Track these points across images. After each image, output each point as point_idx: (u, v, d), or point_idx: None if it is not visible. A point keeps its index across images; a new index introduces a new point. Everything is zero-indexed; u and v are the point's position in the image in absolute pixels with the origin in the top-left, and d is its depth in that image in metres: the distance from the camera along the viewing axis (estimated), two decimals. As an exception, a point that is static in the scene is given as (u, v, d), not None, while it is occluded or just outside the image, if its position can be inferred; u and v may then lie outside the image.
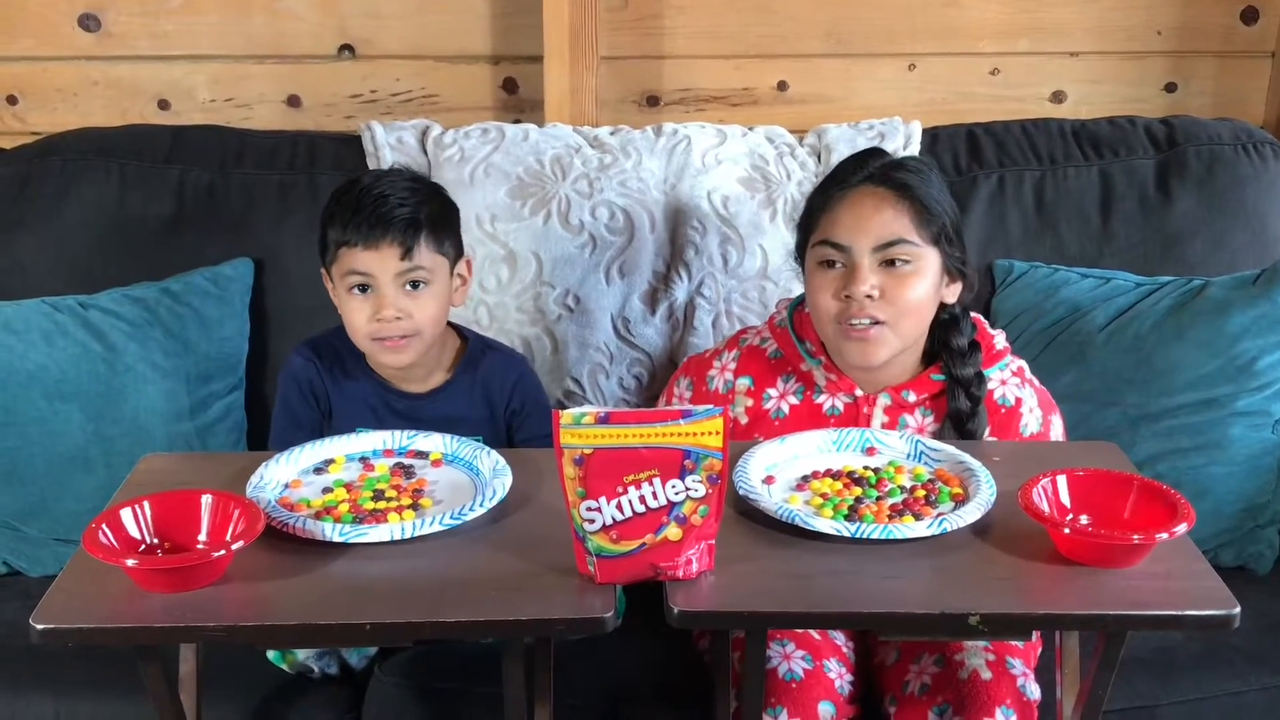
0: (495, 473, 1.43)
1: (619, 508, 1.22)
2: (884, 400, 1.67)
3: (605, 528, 1.23)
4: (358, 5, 2.24)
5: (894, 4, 2.26)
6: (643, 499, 1.22)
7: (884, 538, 1.31)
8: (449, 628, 1.25)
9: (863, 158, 1.66)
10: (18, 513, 1.90)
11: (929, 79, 2.31)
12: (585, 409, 1.22)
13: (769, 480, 1.45)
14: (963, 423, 1.64)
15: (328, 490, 1.42)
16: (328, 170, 2.10)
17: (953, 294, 1.66)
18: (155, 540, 1.29)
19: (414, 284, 1.66)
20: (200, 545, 1.28)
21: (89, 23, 2.24)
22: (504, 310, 2.03)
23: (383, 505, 1.38)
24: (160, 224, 2.07)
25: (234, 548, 1.24)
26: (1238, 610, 1.22)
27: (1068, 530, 1.29)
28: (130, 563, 1.22)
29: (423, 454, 1.51)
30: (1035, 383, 1.73)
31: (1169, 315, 1.92)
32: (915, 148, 2.12)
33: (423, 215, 1.66)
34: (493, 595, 1.24)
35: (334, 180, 2.04)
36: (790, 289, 1.99)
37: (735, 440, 1.67)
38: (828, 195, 1.64)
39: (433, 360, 1.75)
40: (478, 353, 1.79)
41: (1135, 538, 1.27)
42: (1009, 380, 1.70)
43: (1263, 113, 2.32)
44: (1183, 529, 1.27)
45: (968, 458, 1.46)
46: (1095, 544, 1.28)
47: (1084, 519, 1.33)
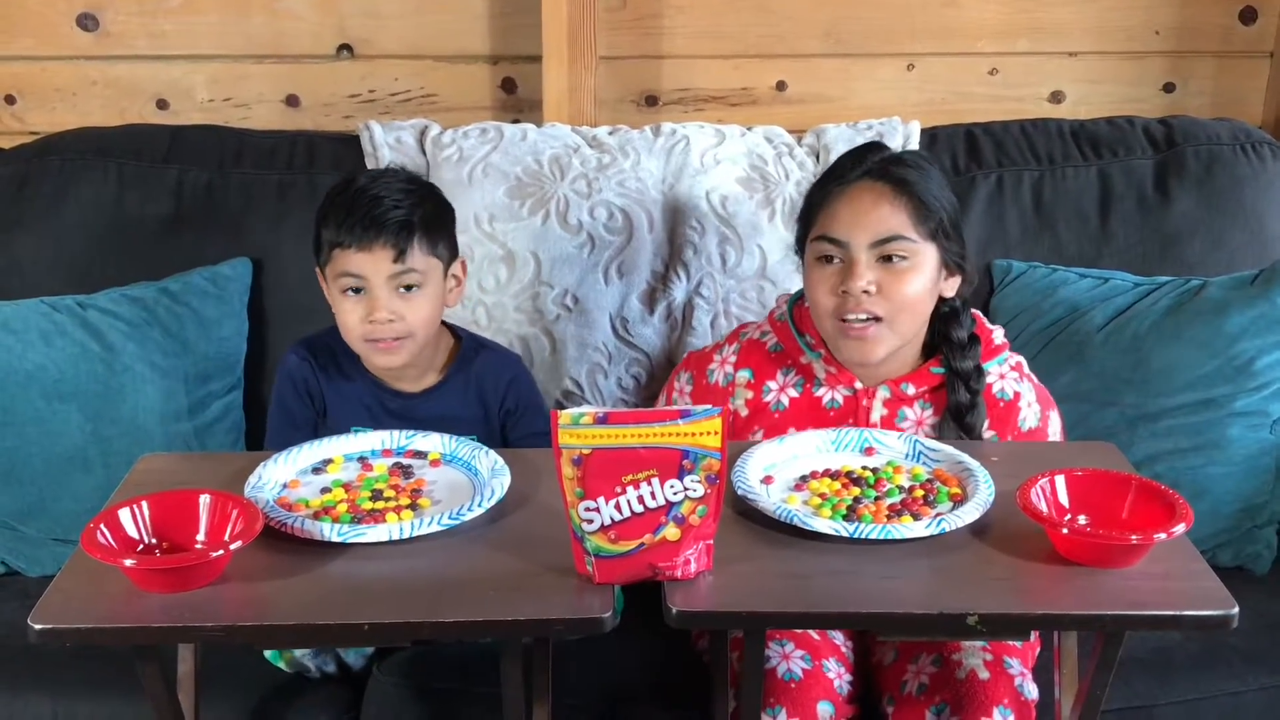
0: (493, 473, 1.43)
1: (617, 508, 1.22)
2: (883, 393, 1.67)
3: (604, 528, 1.23)
4: (356, 5, 2.24)
5: (893, 4, 2.26)
6: (641, 499, 1.22)
7: (882, 538, 1.31)
8: (447, 628, 1.25)
9: (862, 152, 1.66)
10: (16, 512, 1.90)
11: (928, 79, 2.31)
12: (584, 409, 1.22)
13: (767, 480, 1.45)
14: (962, 415, 1.64)
15: (326, 490, 1.42)
16: (326, 170, 2.10)
17: (951, 288, 1.66)
18: (153, 540, 1.29)
19: (407, 286, 1.65)
20: (198, 545, 1.28)
21: (87, 22, 2.24)
22: (502, 310, 2.02)
23: (381, 505, 1.38)
24: (159, 224, 2.07)
25: (232, 548, 1.24)
26: (1236, 610, 1.23)
27: (1066, 530, 1.29)
28: (128, 563, 1.22)
29: (421, 454, 1.51)
30: (1034, 379, 1.73)
31: (1167, 315, 1.92)
32: (914, 148, 2.11)
33: (416, 217, 1.65)
34: (491, 595, 1.24)
35: (333, 180, 2.03)
36: (789, 288, 1.99)
37: (735, 432, 1.70)
38: (826, 190, 1.64)
39: (426, 360, 1.75)
40: (472, 352, 1.79)
41: (1133, 538, 1.27)
42: (1008, 375, 1.70)
43: (1261, 113, 2.32)
44: (1181, 529, 1.27)
45: (966, 458, 1.46)
46: (1093, 544, 1.28)
47: (1082, 519, 1.33)
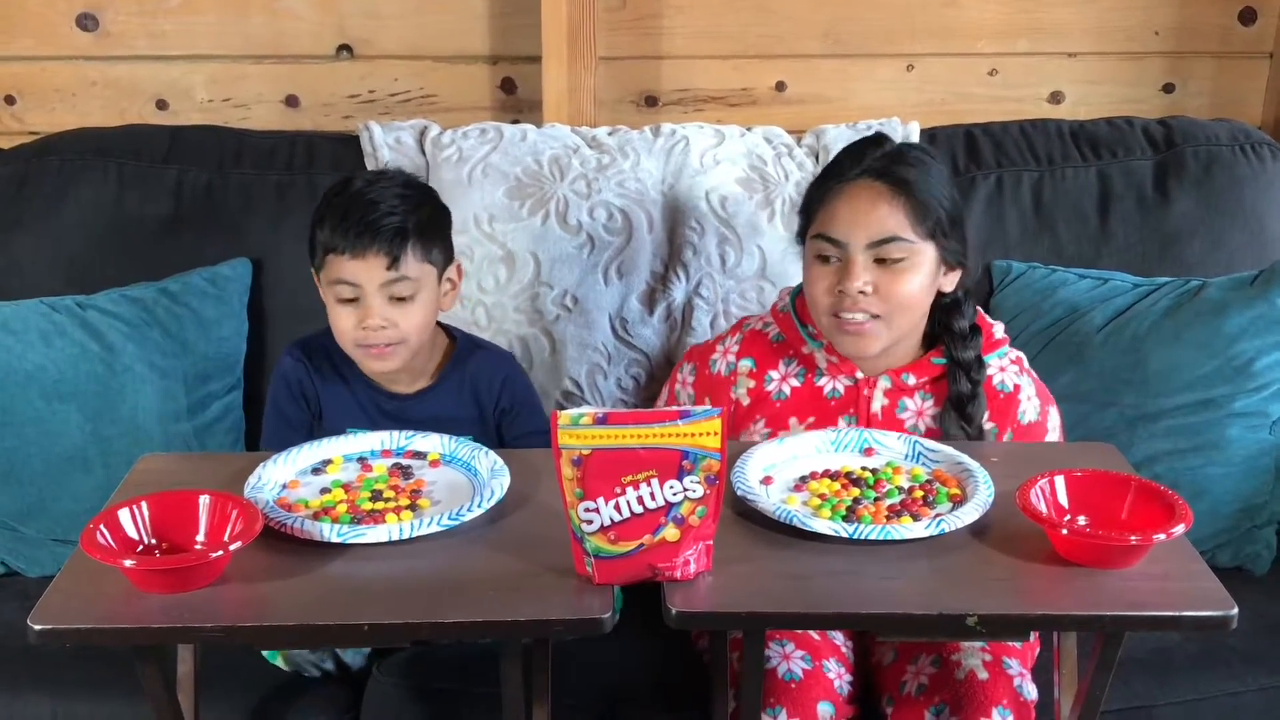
0: (493, 473, 1.43)
1: (617, 508, 1.22)
2: (884, 383, 1.68)
3: (603, 528, 1.23)
4: (356, 5, 2.24)
5: (892, 4, 2.25)
6: (640, 500, 1.22)
7: (882, 538, 1.31)
8: (447, 628, 1.25)
9: (862, 148, 1.65)
10: (15, 513, 1.90)
11: (927, 79, 2.31)
12: (583, 409, 1.22)
13: (767, 481, 1.45)
14: (963, 406, 1.64)
15: (326, 491, 1.42)
16: (326, 170, 2.10)
17: (951, 282, 1.66)
18: (153, 541, 1.29)
19: (400, 295, 1.64)
20: (198, 546, 1.28)
21: (87, 22, 2.24)
22: (502, 310, 2.02)
23: (381, 506, 1.38)
24: (158, 224, 2.07)
25: (232, 548, 1.24)
26: (1235, 611, 1.23)
27: (1065, 531, 1.29)
28: (128, 563, 1.22)
29: (420, 454, 1.51)
30: (1034, 374, 1.74)
31: (1167, 316, 1.92)
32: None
33: (411, 224, 1.64)
34: (490, 596, 1.24)
35: (332, 181, 2.04)
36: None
37: (737, 421, 1.71)
38: (826, 187, 1.64)
39: (421, 362, 1.75)
40: (466, 352, 1.78)
41: (1133, 538, 1.26)
42: (1008, 368, 1.71)
43: (1260, 113, 2.32)
44: (1180, 530, 1.27)
45: (965, 458, 1.46)
46: (1093, 545, 1.28)
47: (1082, 520, 1.33)
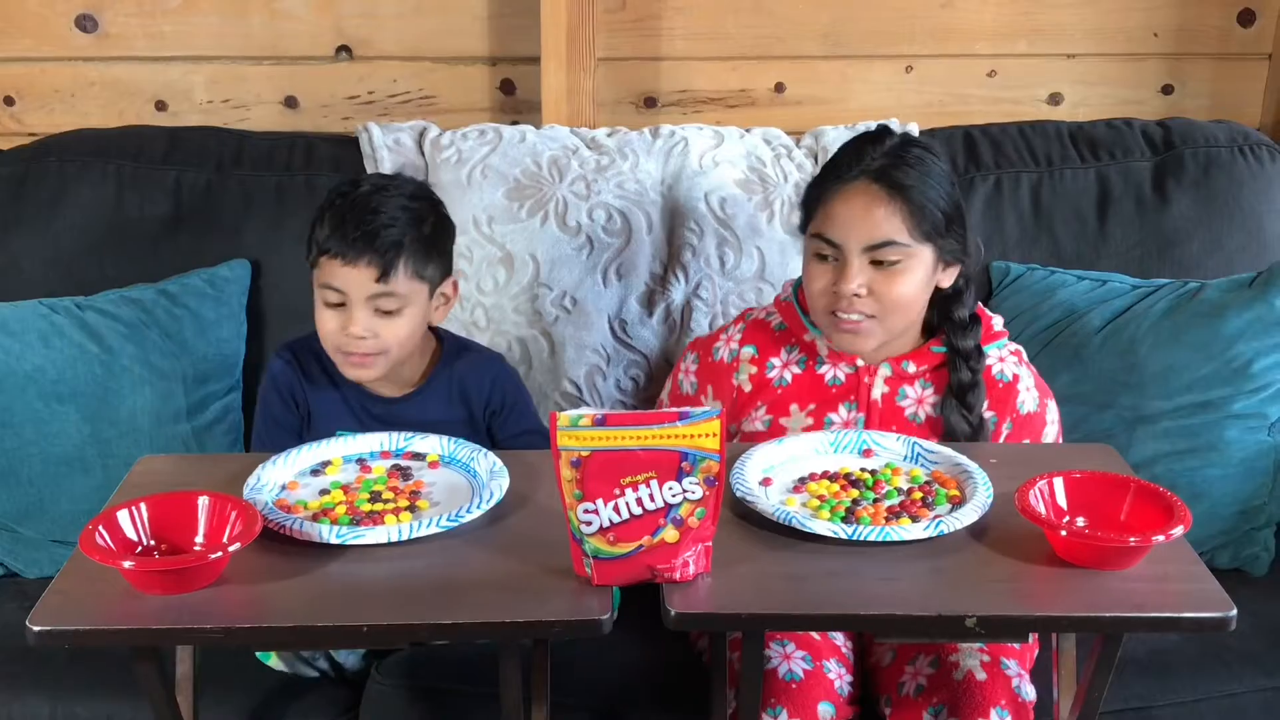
0: (492, 474, 1.43)
1: (616, 510, 1.22)
2: (885, 371, 1.69)
3: (602, 530, 1.23)
4: (355, 6, 2.24)
5: (891, 6, 2.26)
6: (640, 501, 1.22)
7: (881, 540, 1.31)
8: (446, 629, 1.25)
9: (862, 145, 1.65)
10: (14, 514, 1.90)
11: (926, 81, 2.31)
12: (582, 411, 1.22)
13: (766, 482, 1.45)
14: (964, 394, 1.65)
15: (325, 492, 1.42)
16: (325, 172, 2.10)
17: (949, 278, 1.67)
18: (152, 542, 1.29)
19: (386, 310, 1.63)
20: (197, 547, 1.28)
21: (86, 23, 2.24)
22: (501, 312, 2.02)
23: (380, 507, 1.38)
24: (157, 225, 2.07)
25: (231, 549, 1.24)
26: (1234, 612, 1.23)
27: (1064, 532, 1.29)
28: (127, 564, 1.22)
29: (420, 456, 1.51)
30: (1032, 367, 1.75)
31: (1165, 317, 1.92)
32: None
33: (408, 238, 1.63)
34: (489, 597, 1.24)
35: (332, 182, 2.03)
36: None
37: (739, 407, 1.72)
38: (825, 186, 1.64)
39: (409, 368, 1.74)
40: (454, 354, 1.77)
41: (1132, 540, 1.27)
42: (1007, 358, 1.72)
43: (1259, 115, 2.32)
44: (1179, 531, 1.27)
45: (964, 460, 1.46)
46: (1092, 546, 1.28)
47: (1080, 521, 1.33)
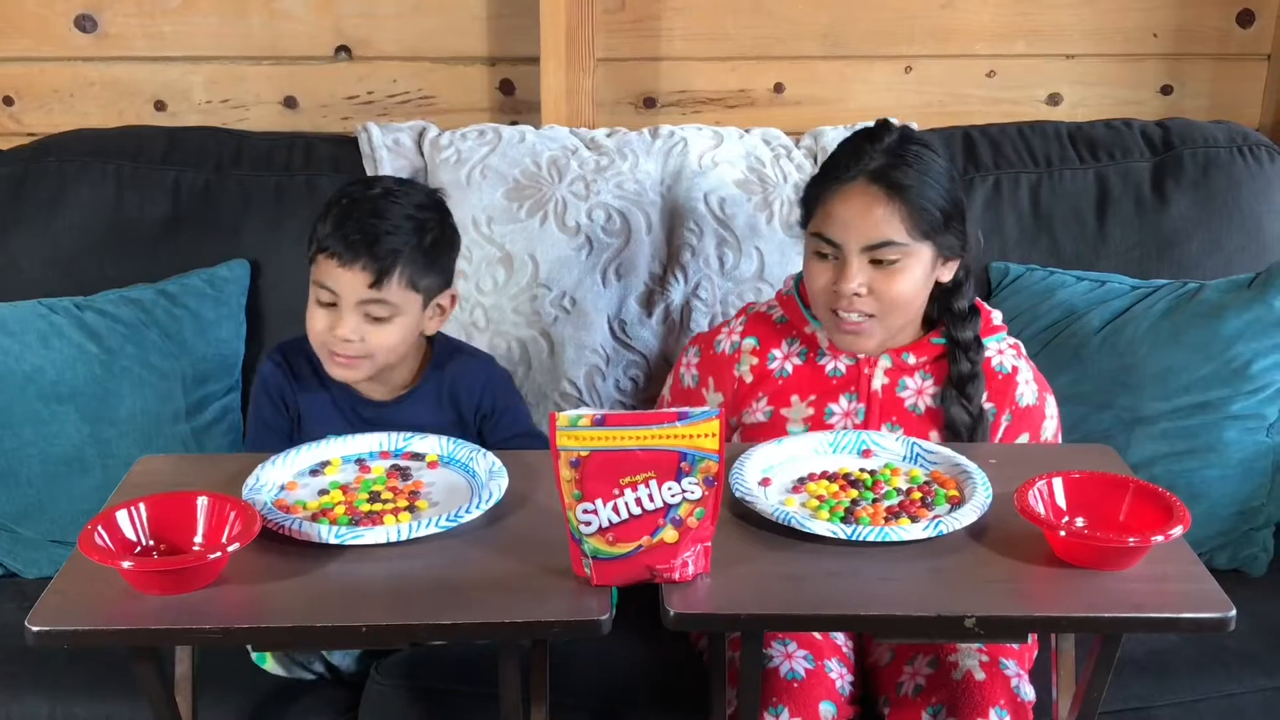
0: (491, 475, 1.43)
1: (615, 510, 1.22)
2: (885, 362, 1.70)
3: (601, 530, 1.23)
4: (354, 6, 2.24)
5: (890, 6, 2.26)
6: (639, 501, 1.22)
7: (880, 540, 1.31)
8: (445, 630, 1.25)
9: (861, 144, 1.64)
10: (13, 514, 1.90)
11: (925, 81, 2.31)
12: (581, 411, 1.22)
13: (765, 482, 1.45)
14: (963, 385, 1.66)
15: (324, 492, 1.42)
16: (324, 172, 2.10)
17: (948, 272, 1.68)
18: (151, 542, 1.29)
19: (376, 315, 1.62)
20: (196, 547, 1.28)
21: (85, 23, 2.24)
22: (500, 312, 2.02)
23: (379, 507, 1.38)
24: (156, 225, 2.07)
25: (230, 550, 1.24)
26: (1233, 613, 1.23)
27: (1064, 533, 1.29)
28: (126, 565, 1.22)
29: (419, 456, 1.51)
30: (1031, 362, 1.75)
31: (1164, 318, 1.92)
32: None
33: (408, 248, 1.62)
34: (489, 597, 1.24)
35: (331, 182, 2.05)
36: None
37: (740, 398, 1.73)
38: (825, 186, 1.64)
39: (399, 372, 1.72)
40: (444, 357, 1.76)
41: (1131, 540, 1.27)
42: (1005, 351, 1.73)
43: (1258, 115, 2.33)
44: (1178, 532, 1.27)
45: (964, 460, 1.46)
46: (1091, 546, 1.28)
47: (1080, 521, 1.33)
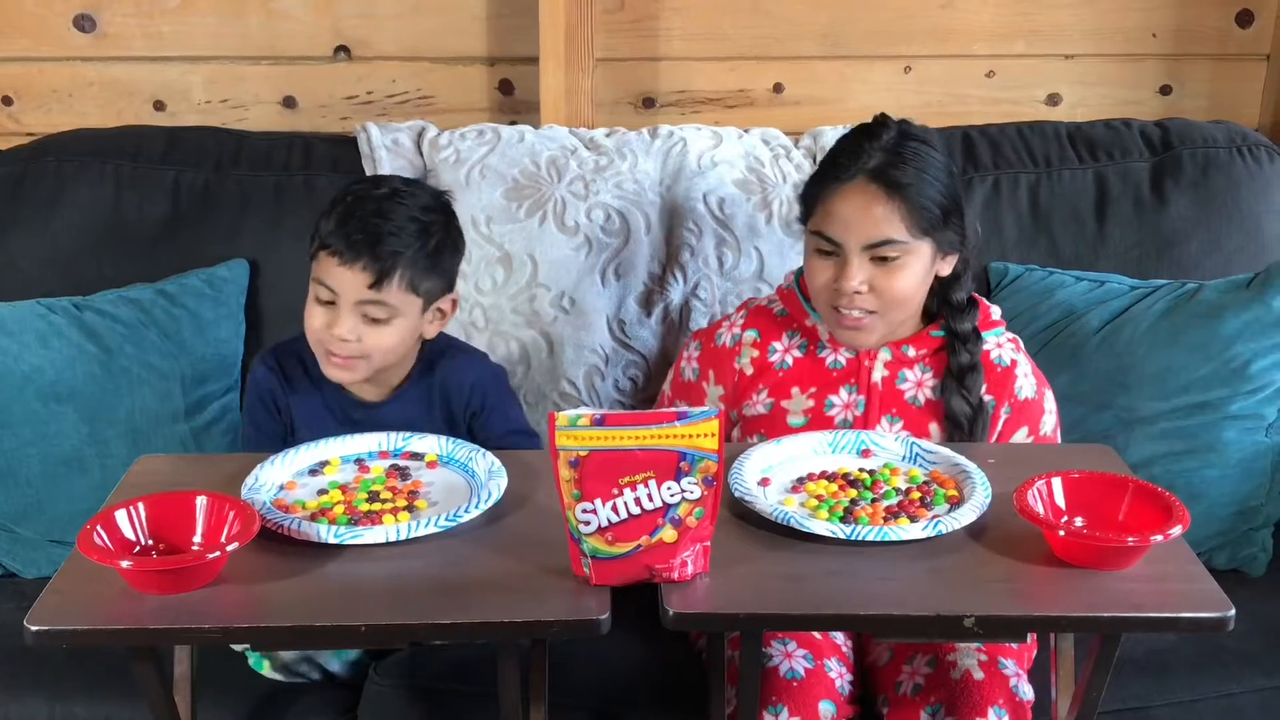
0: (490, 475, 1.43)
1: (614, 510, 1.22)
2: (885, 355, 1.70)
3: (600, 530, 1.23)
4: (353, 6, 2.24)
5: (889, 6, 2.26)
6: (638, 501, 1.22)
7: (879, 540, 1.31)
8: (444, 629, 1.25)
9: (860, 141, 1.64)
10: (12, 514, 1.90)
11: (924, 81, 2.31)
12: (581, 411, 1.22)
13: (764, 482, 1.45)
14: (963, 376, 1.67)
15: (323, 492, 1.42)
16: (323, 172, 2.10)
17: (948, 266, 1.69)
18: (150, 542, 1.29)
19: (374, 316, 1.61)
20: (195, 547, 1.28)
21: (84, 23, 2.24)
22: (499, 312, 2.02)
23: (378, 507, 1.38)
24: (155, 225, 2.07)
25: (229, 549, 1.24)
26: (1233, 613, 1.23)
27: (1063, 533, 1.29)
28: (125, 564, 1.22)
29: (418, 455, 1.51)
30: (1030, 357, 1.76)
31: (1163, 318, 1.92)
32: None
33: (410, 251, 1.60)
34: (488, 597, 1.24)
35: (330, 182, 2.05)
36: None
37: (741, 390, 1.73)
38: (825, 185, 1.65)
39: (395, 373, 1.71)
40: (435, 354, 1.74)
41: (1130, 540, 1.27)
42: (1004, 344, 1.73)
43: (1257, 115, 2.33)
44: (1178, 531, 1.27)
45: (963, 460, 1.46)
46: (1090, 546, 1.28)
47: (1079, 521, 1.33)
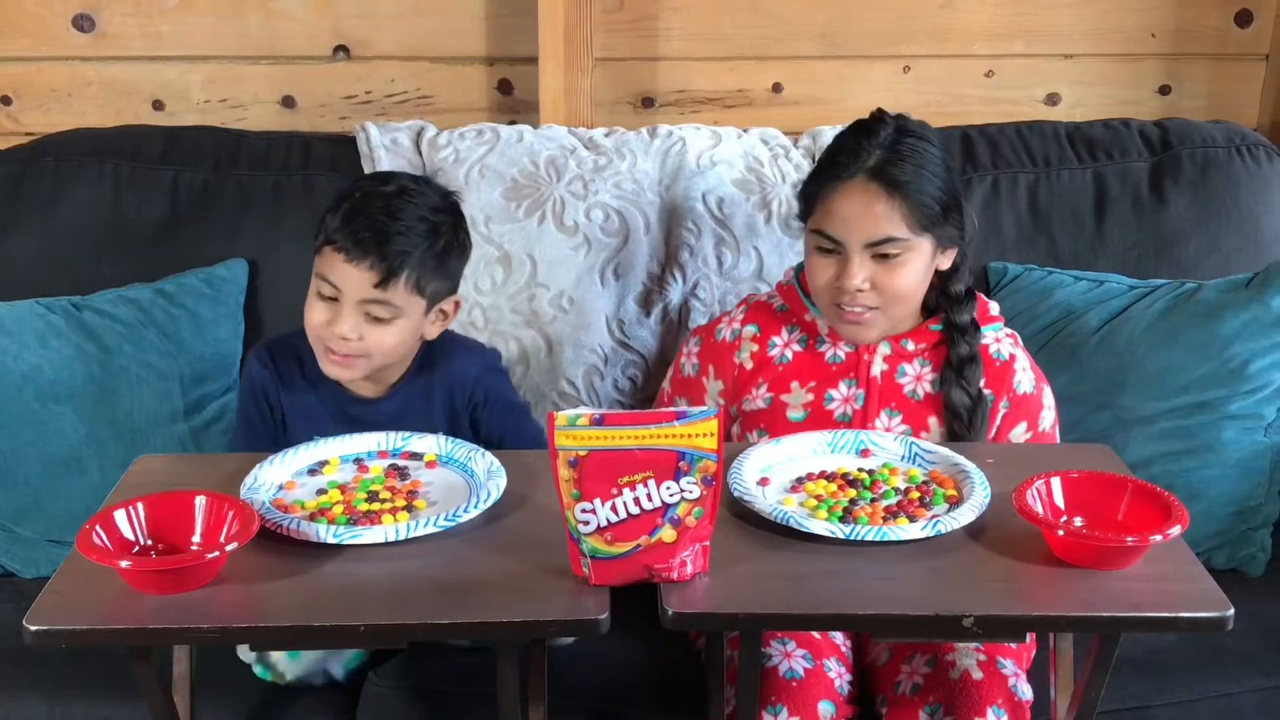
0: (490, 474, 1.43)
1: (613, 509, 1.22)
2: (884, 349, 1.71)
3: (600, 529, 1.23)
4: (352, 6, 2.24)
5: (889, 6, 2.26)
6: (637, 501, 1.22)
7: (878, 539, 1.31)
8: (443, 629, 1.25)
9: (859, 139, 1.64)
10: (11, 514, 1.90)
11: (924, 81, 2.31)
12: (580, 410, 1.22)
13: (764, 482, 1.45)
14: (962, 368, 1.67)
15: (322, 492, 1.42)
16: (322, 171, 2.10)
17: (948, 260, 1.69)
18: (149, 542, 1.29)
19: (378, 316, 1.60)
20: (194, 547, 1.28)
21: (83, 23, 2.24)
22: (498, 312, 2.02)
23: (377, 507, 1.38)
24: (154, 225, 2.06)
25: (228, 549, 1.24)
26: (1232, 612, 1.23)
27: (1062, 532, 1.29)
28: (124, 564, 1.22)
29: (417, 455, 1.51)
30: (1028, 353, 1.76)
31: (1162, 318, 1.92)
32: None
33: (417, 252, 1.59)
34: (487, 597, 1.24)
35: (329, 182, 2.05)
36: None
37: (740, 384, 1.74)
38: (824, 183, 1.65)
39: (393, 371, 1.70)
40: (435, 350, 1.72)
41: (1129, 540, 1.27)
42: (1003, 339, 1.74)
43: (1256, 115, 2.33)
44: (1177, 531, 1.27)
45: (962, 459, 1.46)
46: (1089, 546, 1.28)
47: (1078, 521, 1.33)
